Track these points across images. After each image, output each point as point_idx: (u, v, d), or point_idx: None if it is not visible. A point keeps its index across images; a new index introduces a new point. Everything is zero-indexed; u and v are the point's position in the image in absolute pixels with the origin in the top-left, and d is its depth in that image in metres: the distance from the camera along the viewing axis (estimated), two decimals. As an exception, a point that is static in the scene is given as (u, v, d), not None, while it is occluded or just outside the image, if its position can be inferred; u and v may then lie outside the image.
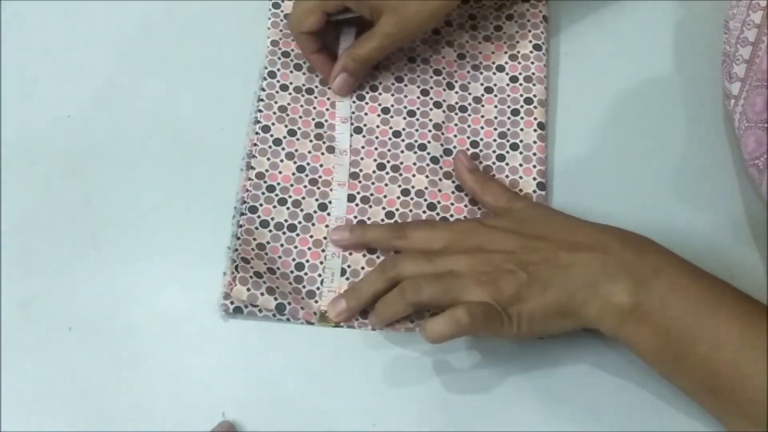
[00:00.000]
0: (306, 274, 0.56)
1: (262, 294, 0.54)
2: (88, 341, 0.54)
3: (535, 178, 0.59)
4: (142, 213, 0.58)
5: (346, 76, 0.60)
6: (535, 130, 0.60)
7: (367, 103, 0.61)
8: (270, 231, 0.57)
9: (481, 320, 0.49)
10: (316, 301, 0.55)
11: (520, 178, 0.59)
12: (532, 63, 0.62)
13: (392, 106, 0.61)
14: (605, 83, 0.63)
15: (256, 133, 0.60)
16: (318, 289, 0.56)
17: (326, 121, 0.60)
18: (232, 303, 0.54)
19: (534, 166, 0.59)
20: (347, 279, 0.56)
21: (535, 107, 0.61)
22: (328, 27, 0.60)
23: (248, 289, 0.54)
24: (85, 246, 0.57)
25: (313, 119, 0.60)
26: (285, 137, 0.60)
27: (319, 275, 0.56)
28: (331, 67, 0.61)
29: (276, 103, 0.61)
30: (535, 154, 0.59)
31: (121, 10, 0.64)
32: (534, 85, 0.62)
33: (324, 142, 0.60)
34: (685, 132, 0.62)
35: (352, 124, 0.60)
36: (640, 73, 0.64)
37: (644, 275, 0.49)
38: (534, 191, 0.58)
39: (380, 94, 0.61)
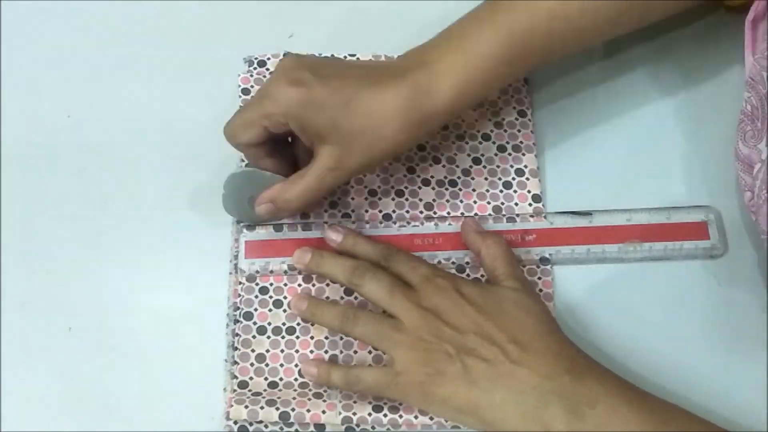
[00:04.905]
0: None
1: (261, 408, 0.51)
2: (88, 341, 0.54)
3: (537, 254, 0.57)
4: (142, 213, 0.58)
5: (271, 208, 0.54)
6: (530, 204, 0.58)
7: (352, 187, 0.58)
8: (268, 338, 0.54)
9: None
10: (324, 401, 0.52)
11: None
12: (519, 131, 0.60)
13: (379, 187, 0.59)
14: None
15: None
16: (326, 391, 0.53)
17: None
18: (235, 423, 0.52)
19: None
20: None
21: (527, 179, 0.59)
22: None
23: (246, 407, 0.51)
24: (85, 246, 0.57)
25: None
26: None
27: None
28: (288, 170, 0.54)
29: None
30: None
31: (122, 10, 0.64)
32: (523, 154, 0.60)
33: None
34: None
35: (339, 210, 0.58)
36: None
37: (579, 403, 0.47)
38: (537, 266, 0.57)
39: (365, 175, 0.59)
